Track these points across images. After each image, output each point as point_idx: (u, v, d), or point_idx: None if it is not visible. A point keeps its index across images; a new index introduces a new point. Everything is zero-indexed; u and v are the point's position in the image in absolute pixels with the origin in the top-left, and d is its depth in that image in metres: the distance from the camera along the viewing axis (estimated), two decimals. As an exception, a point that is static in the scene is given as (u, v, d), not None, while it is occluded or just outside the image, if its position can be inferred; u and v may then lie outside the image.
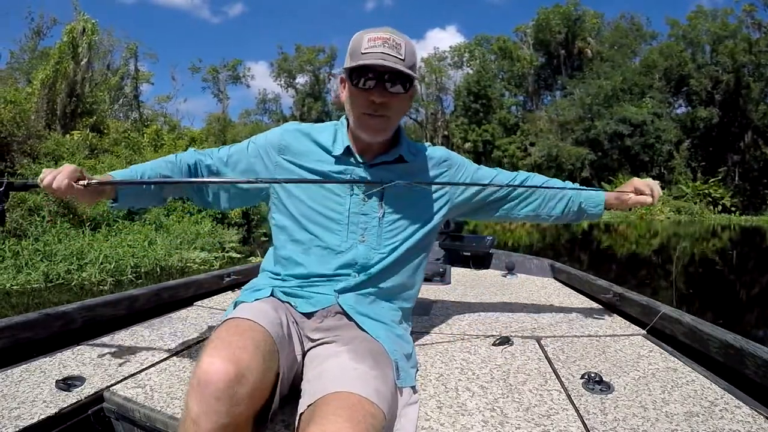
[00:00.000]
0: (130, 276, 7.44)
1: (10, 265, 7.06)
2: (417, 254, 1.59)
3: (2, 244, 7.62)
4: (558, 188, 1.79)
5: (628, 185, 1.82)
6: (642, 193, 1.77)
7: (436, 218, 1.64)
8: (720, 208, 38.40)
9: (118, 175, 1.44)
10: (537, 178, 1.84)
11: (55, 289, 6.57)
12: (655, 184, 1.77)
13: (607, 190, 1.88)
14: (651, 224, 27.97)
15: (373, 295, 1.49)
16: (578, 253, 13.44)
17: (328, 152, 1.51)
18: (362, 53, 1.34)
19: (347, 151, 1.49)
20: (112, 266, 7.56)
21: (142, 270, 7.87)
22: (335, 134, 1.53)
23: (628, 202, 1.80)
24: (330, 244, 1.47)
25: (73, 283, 6.81)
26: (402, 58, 1.35)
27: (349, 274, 1.47)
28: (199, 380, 0.98)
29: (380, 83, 1.36)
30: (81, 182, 1.32)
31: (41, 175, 1.30)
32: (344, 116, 1.54)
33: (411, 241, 1.54)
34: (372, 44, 1.34)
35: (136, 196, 1.50)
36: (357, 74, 1.36)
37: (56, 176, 1.28)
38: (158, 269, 8.12)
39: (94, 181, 1.33)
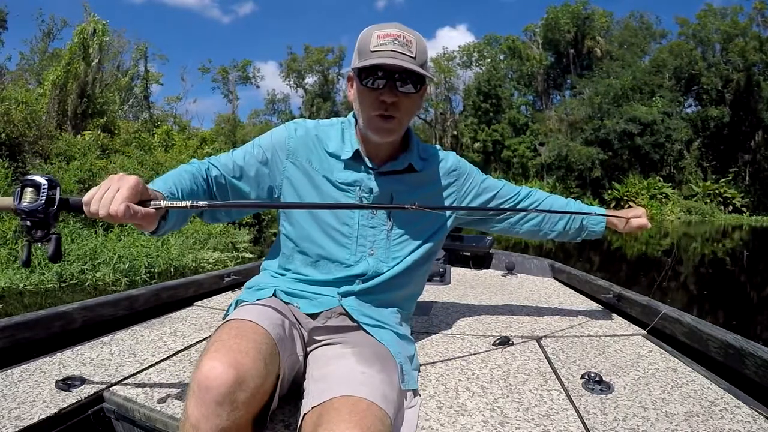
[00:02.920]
0: (144, 276, 7.48)
1: (22, 264, 7.10)
2: (423, 264, 1.58)
3: (15, 243, 7.68)
4: (560, 211, 1.81)
5: (629, 211, 1.83)
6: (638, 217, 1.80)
7: (443, 230, 1.63)
8: (731, 208, 38.07)
9: (157, 188, 1.19)
10: (539, 194, 1.83)
11: (69, 289, 6.61)
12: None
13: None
14: (661, 225, 27.78)
15: (376, 301, 1.48)
16: (588, 253, 13.37)
17: (337, 156, 1.46)
18: (372, 51, 1.29)
19: (356, 154, 1.45)
20: (126, 266, 7.59)
21: (156, 270, 7.89)
22: (343, 135, 1.49)
23: (629, 225, 1.80)
24: (339, 258, 1.45)
25: (86, 283, 6.85)
26: (413, 56, 1.30)
27: (353, 282, 1.46)
28: (200, 385, 0.96)
29: (390, 82, 1.30)
30: (143, 206, 1.04)
31: (86, 197, 1.03)
32: (351, 115, 1.51)
33: (418, 253, 1.53)
34: (381, 41, 1.29)
35: (178, 216, 1.24)
36: (366, 73, 1.32)
37: (112, 198, 1.00)
38: (172, 269, 8.15)
39: (164, 204, 1.07)
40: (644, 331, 1.99)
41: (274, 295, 1.41)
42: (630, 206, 1.92)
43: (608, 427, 1.22)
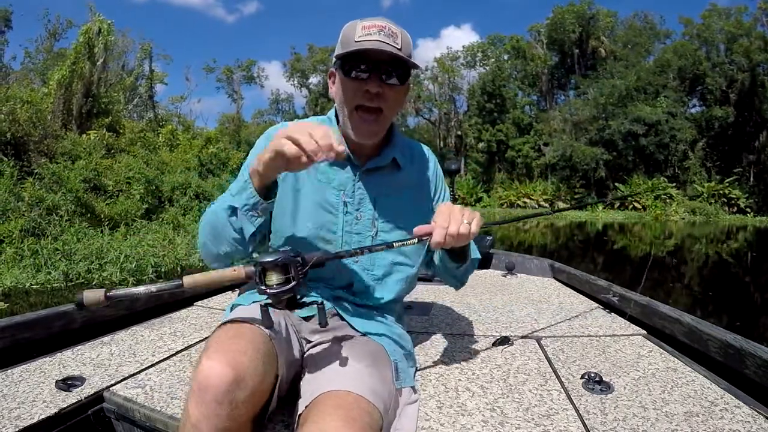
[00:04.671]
0: (151, 275, 7.45)
1: (29, 264, 7.13)
2: (411, 268, 1.53)
3: (21, 243, 7.71)
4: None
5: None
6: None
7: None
8: (735, 208, 37.89)
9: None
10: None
11: (76, 288, 6.58)
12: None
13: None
14: (665, 225, 27.71)
15: (366, 304, 1.47)
16: (592, 253, 13.33)
17: None
18: (356, 41, 1.26)
19: None
20: (133, 266, 7.55)
21: (163, 270, 7.85)
22: None
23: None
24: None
25: (93, 283, 6.83)
26: (399, 47, 1.27)
27: (341, 288, 1.45)
28: (199, 385, 0.97)
29: (375, 73, 1.28)
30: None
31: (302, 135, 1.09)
32: (332, 112, 1.48)
33: (403, 260, 1.50)
34: (367, 32, 1.26)
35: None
36: (350, 63, 1.29)
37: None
38: (179, 269, 8.11)
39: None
40: (644, 331, 2.00)
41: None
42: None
43: (608, 427, 1.23)
